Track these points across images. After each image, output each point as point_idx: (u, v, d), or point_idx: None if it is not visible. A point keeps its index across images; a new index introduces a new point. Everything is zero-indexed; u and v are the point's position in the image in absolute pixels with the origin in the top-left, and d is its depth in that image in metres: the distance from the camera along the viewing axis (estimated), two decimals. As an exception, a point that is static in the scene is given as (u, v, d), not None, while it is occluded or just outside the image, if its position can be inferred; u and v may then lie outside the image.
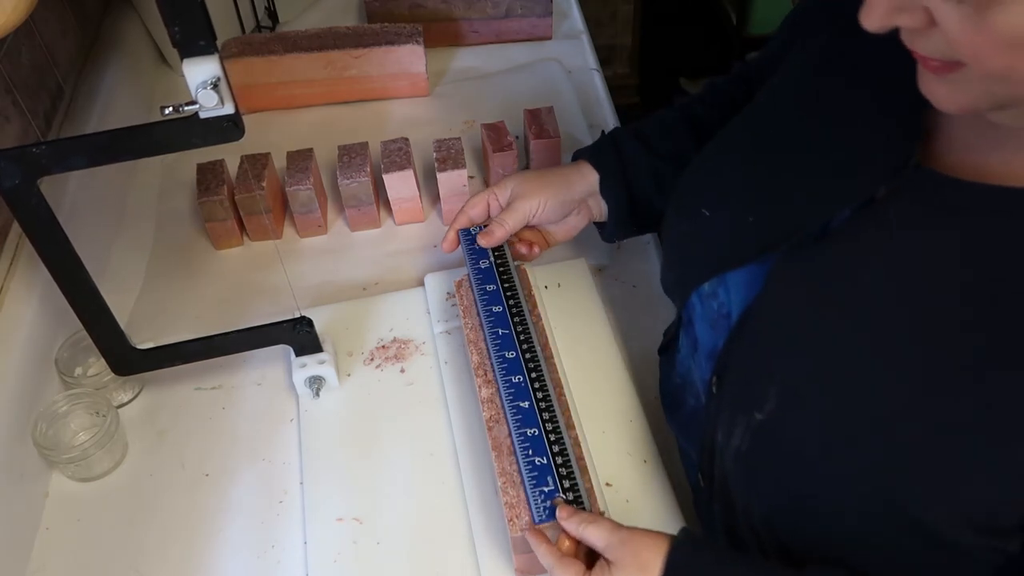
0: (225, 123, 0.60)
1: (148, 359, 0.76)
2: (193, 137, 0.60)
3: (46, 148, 0.60)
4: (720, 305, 0.62)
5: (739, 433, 0.56)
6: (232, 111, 0.59)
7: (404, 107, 1.13)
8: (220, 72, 0.57)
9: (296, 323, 0.75)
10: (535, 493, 0.61)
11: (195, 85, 0.57)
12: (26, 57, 0.91)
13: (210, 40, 0.56)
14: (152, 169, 1.06)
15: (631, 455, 0.72)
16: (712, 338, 0.64)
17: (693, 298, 0.66)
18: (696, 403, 0.68)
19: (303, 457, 0.75)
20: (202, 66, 0.56)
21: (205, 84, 0.57)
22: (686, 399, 0.71)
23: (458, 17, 1.19)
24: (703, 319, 0.65)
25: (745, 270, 0.59)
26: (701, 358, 0.66)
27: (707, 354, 0.65)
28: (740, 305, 0.60)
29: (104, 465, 0.75)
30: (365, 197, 0.94)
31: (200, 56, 0.56)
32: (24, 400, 0.75)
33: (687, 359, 0.69)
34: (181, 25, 0.55)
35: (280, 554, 0.70)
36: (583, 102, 1.12)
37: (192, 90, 0.57)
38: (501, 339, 0.72)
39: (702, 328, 0.65)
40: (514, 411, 0.66)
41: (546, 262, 0.88)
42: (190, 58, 0.56)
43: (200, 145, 0.61)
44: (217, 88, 0.57)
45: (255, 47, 1.08)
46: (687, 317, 0.68)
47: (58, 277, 0.68)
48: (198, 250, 0.96)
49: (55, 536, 0.73)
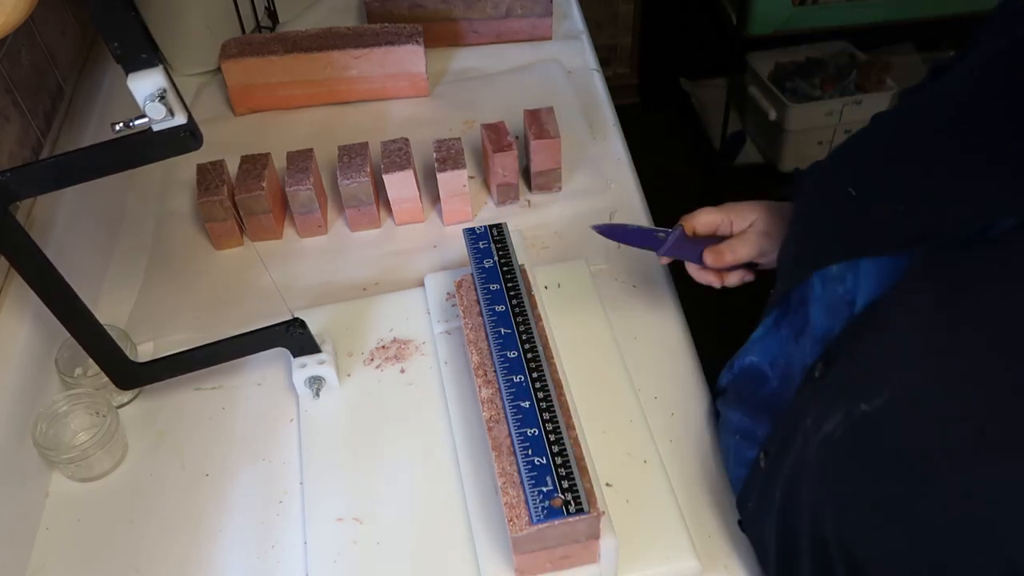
0: (182, 133, 0.59)
1: (147, 372, 0.76)
2: (153, 151, 0.60)
3: (11, 175, 0.60)
4: (846, 291, 0.59)
5: (835, 420, 0.53)
6: (185, 120, 0.59)
7: (404, 107, 1.13)
8: (166, 83, 0.57)
9: (289, 325, 0.75)
10: (534, 493, 0.61)
11: (142, 99, 0.57)
12: (26, 57, 0.91)
13: (151, 52, 0.56)
14: (152, 169, 1.06)
15: (631, 455, 0.72)
16: (827, 323, 0.60)
17: (815, 278, 0.62)
18: (779, 386, 0.67)
19: (303, 457, 0.75)
20: (147, 79, 0.56)
21: (152, 97, 0.57)
22: (768, 380, 0.69)
23: (458, 17, 1.19)
24: (821, 301, 0.61)
25: (882, 260, 0.56)
26: (807, 341, 0.63)
27: (818, 338, 0.61)
28: (868, 295, 0.57)
29: (104, 465, 0.76)
30: (365, 197, 0.94)
31: (144, 70, 0.56)
32: (24, 400, 0.75)
33: (786, 341, 0.67)
34: (120, 41, 0.54)
35: (280, 554, 0.70)
36: (583, 102, 1.12)
37: (140, 104, 0.57)
38: (503, 338, 0.72)
39: (817, 310, 0.62)
40: (515, 411, 0.66)
41: (546, 262, 0.89)
42: (134, 72, 0.56)
43: (162, 158, 0.61)
44: (164, 100, 0.57)
45: (255, 47, 1.08)
46: (799, 297, 0.65)
47: (46, 300, 0.68)
48: (198, 250, 0.96)
49: (55, 536, 0.73)
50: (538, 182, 0.98)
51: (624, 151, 1.05)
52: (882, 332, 0.53)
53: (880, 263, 0.56)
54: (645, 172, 1.03)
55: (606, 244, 0.92)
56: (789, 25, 1.93)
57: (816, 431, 0.55)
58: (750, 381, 0.72)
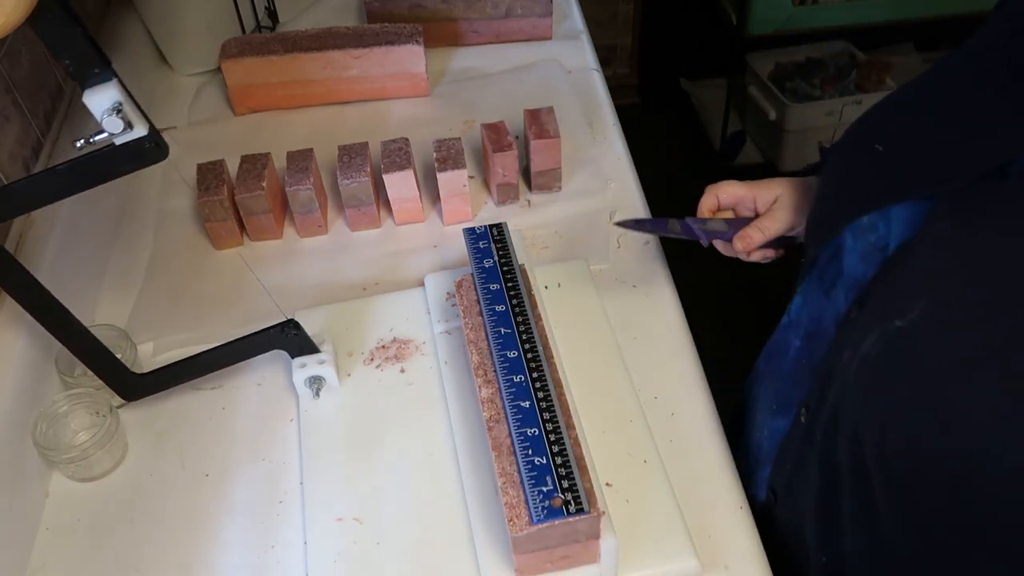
0: (147, 144, 0.59)
1: (148, 384, 0.77)
2: (120, 165, 0.60)
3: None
4: (878, 238, 0.62)
5: (871, 340, 0.55)
6: (146, 132, 0.58)
7: (404, 107, 1.13)
8: (121, 96, 0.56)
9: (283, 327, 0.75)
10: (534, 493, 0.61)
11: (99, 114, 0.56)
12: (26, 57, 0.91)
13: (104, 67, 0.56)
14: (152, 169, 1.06)
15: (631, 455, 0.72)
16: (862, 269, 0.63)
17: (846, 233, 0.65)
18: (804, 344, 0.69)
19: (303, 457, 0.75)
20: (102, 94, 0.56)
21: (109, 111, 0.56)
22: (790, 342, 0.71)
23: (458, 17, 1.19)
24: (854, 252, 0.64)
25: (911, 205, 0.58)
26: (840, 292, 0.66)
27: (851, 285, 0.65)
28: (899, 239, 0.60)
29: (104, 465, 0.76)
30: (365, 197, 0.94)
31: (98, 84, 0.56)
32: (24, 400, 0.75)
33: (814, 299, 0.69)
34: (71, 58, 0.54)
35: (280, 554, 0.70)
36: (583, 102, 1.12)
37: (97, 119, 0.56)
38: (503, 338, 0.71)
39: (851, 260, 0.65)
40: (515, 411, 0.66)
41: (546, 262, 0.89)
42: (89, 88, 0.56)
43: (131, 171, 0.61)
44: (121, 113, 0.56)
45: (255, 47, 1.08)
46: (829, 255, 0.68)
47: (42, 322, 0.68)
48: (198, 250, 0.96)
49: (55, 536, 0.73)
50: (538, 182, 0.98)
51: (624, 151, 1.05)
52: (912, 262, 0.56)
53: (910, 208, 0.59)
54: (645, 172, 1.03)
55: (606, 244, 0.92)
56: (789, 25, 1.93)
57: (853, 357, 0.57)
58: (776, 349, 0.74)
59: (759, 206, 0.78)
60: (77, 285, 0.88)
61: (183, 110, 1.15)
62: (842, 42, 2.14)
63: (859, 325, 0.58)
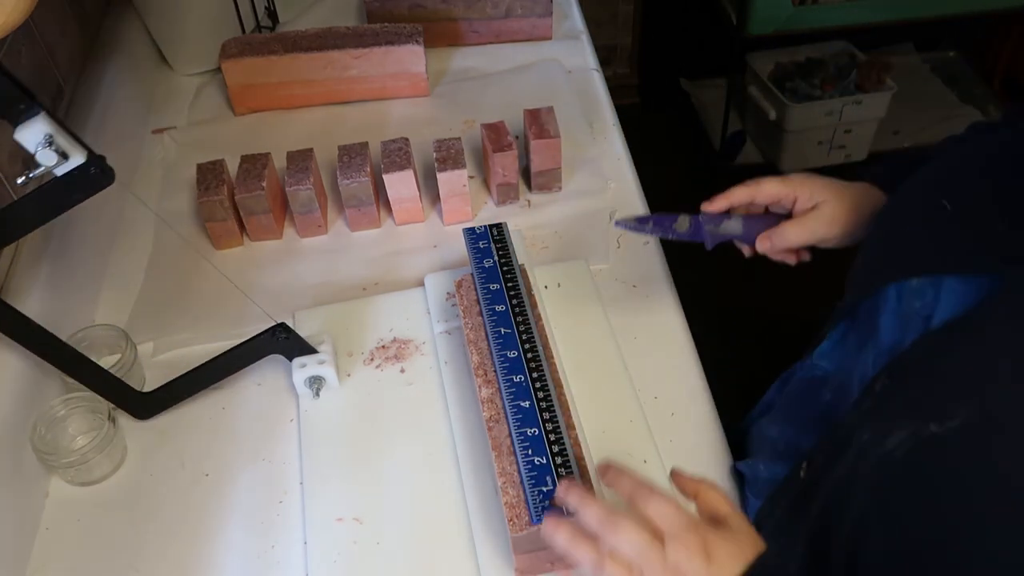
0: (92, 170, 0.58)
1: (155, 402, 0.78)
2: (71, 195, 0.59)
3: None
4: (923, 305, 0.56)
5: (899, 438, 0.49)
6: (84, 159, 0.57)
7: (404, 107, 1.13)
8: (51, 128, 0.56)
9: (273, 332, 0.75)
10: (533, 493, 0.61)
11: (32, 148, 0.56)
12: (26, 57, 0.91)
13: (29, 101, 0.55)
14: (152, 169, 1.07)
15: (631, 455, 0.72)
16: (898, 336, 0.58)
17: (891, 290, 0.59)
18: (833, 398, 0.64)
19: (303, 457, 0.75)
20: (31, 129, 0.55)
21: (42, 144, 0.56)
22: (820, 393, 0.66)
23: (458, 17, 1.19)
24: (894, 313, 0.59)
25: (970, 279, 0.53)
26: (870, 353, 0.61)
27: (883, 350, 0.59)
28: (947, 312, 0.54)
29: (103, 469, 0.75)
30: (365, 197, 0.94)
31: (27, 120, 0.55)
32: (23, 402, 0.75)
33: (848, 355, 0.65)
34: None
35: (280, 554, 0.70)
36: (583, 102, 1.12)
37: (32, 154, 0.56)
38: (503, 338, 0.72)
39: (888, 322, 0.59)
40: (515, 411, 0.66)
41: (546, 262, 0.89)
42: (20, 125, 0.55)
43: (83, 199, 0.60)
44: (53, 145, 0.56)
45: (255, 47, 1.08)
46: (870, 307, 0.62)
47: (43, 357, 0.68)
48: (198, 250, 0.96)
49: (55, 536, 0.73)
50: (538, 182, 0.98)
51: (624, 151, 1.05)
52: (960, 350, 0.50)
53: (967, 281, 0.53)
54: (645, 172, 1.03)
55: (606, 244, 0.92)
56: (789, 25, 1.93)
57: (876, 445, 0.51)
58: (804, 393, 0.69)
59: (797, 207, 0.72)
60: (77, 285, 0.88)
61: (183, 110, 1.15)
62: (842, 42, 2.14)
63: (887, 405, 0.53)
